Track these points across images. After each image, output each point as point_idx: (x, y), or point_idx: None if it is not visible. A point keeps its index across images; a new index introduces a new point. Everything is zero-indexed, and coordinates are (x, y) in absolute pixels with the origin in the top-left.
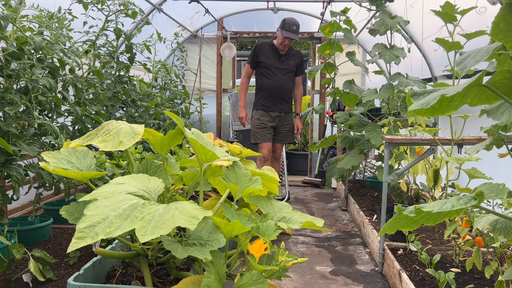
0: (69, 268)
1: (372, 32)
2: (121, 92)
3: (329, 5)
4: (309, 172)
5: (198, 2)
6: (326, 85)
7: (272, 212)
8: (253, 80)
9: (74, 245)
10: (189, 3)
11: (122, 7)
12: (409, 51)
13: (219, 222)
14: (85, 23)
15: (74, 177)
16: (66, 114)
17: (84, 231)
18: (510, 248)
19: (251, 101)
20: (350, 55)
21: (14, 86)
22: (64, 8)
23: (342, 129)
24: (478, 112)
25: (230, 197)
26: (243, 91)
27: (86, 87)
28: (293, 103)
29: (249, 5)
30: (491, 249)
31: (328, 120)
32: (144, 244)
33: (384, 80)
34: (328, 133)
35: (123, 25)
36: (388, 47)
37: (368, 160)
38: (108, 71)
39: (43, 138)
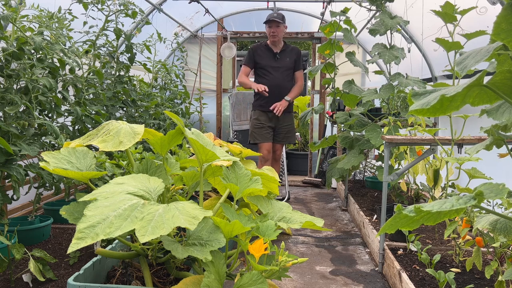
0: (69, 268)
1: (372, 32)
2: (121, 92)
3: (329, 5)
4: (309, 172)
5: (198, 2)
6: (326, 85)
7: (272, 212)
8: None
9: (74, 245)
10: (189, 3)
11: (122, 7)
12: (409, 51)
13: (219, 222)
14: (85, 23)
15: (74, 177)
16: (66, 114)
17: (84, 231)
18: (510, 248)
19: (251, 101)
20: (350, 55)
21: (14, 86)
22: (64, 8)
23: (342, 129)
24: (478, 112)
25: (230, 197)
26: (245, 78)
27: (86, 87)
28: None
29: (249, 5)
30: (491, 249)
31: (328, 120)
32: (144, 244)
33: (384, 80)
34: (328, 133)
35: (123, 25)
36: (388, 47)
37: (368, 160)
38: (108, 71)
39: (43, 138)
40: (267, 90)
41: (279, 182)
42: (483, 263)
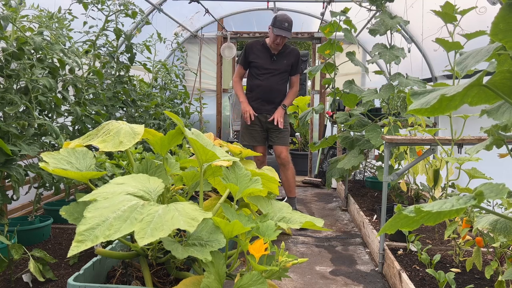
0: (69, 268)
1: (372, 32)
2: (121, 92)
3: (329, 5)
4: (309, 172)
5: (198, 2)
6: (326, 85)
7: (272, 212)
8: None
9: (74, 249)
10: (189, 3)
11: (122, 7)
12: (409, 51)
13: (219, 222)
14: (85, 23)
15: (73, 177)
16: (66, 114)
17: (84, 234)
18: (510, 248)
19: None
20: (350, 55)
21: (14, 86)
22: (64, 8)
23: (342, 129)
24: (478, 112)
25: (230, 197)
26: (239, 88)
27: (86, 87)
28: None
29: (249, 5)
30: (491, 249)
31: (328, 120)
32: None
33: (384, 80)
34: (328, 133)
35: (123, 25)
36: (388, 47)
37: (368, 160)
38: (108, 71)
39: (43, 138)
40: (252, 118)
41: (279, 182)
42: (483, 263)
